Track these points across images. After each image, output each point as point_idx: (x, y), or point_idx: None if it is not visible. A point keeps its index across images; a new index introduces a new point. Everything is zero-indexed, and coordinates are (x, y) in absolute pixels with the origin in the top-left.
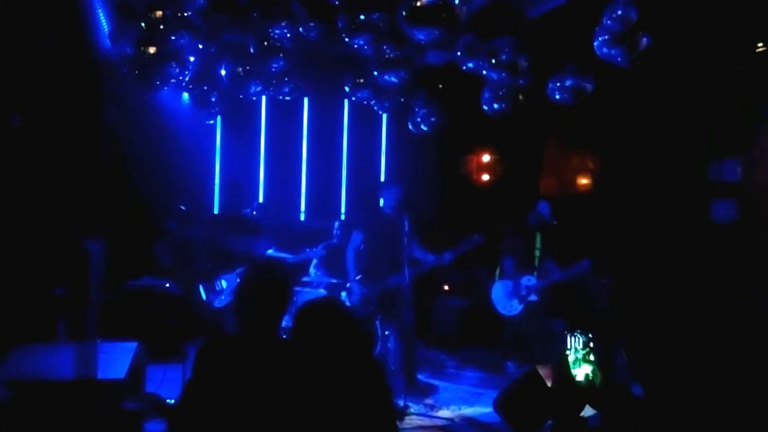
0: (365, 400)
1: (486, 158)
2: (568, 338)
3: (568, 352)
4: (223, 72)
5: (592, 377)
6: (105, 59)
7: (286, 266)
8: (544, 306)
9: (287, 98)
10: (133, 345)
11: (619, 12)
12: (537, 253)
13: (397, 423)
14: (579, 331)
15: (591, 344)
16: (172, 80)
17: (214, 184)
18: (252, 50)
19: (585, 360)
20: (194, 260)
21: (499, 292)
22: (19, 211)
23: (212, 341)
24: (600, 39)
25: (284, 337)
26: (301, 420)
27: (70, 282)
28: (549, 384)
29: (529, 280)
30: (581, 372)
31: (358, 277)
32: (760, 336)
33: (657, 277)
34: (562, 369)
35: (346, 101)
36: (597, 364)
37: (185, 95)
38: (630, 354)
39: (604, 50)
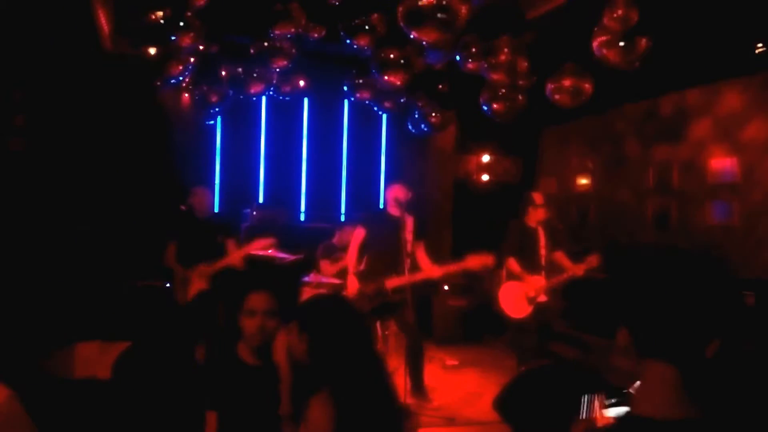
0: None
1: (486, 158)
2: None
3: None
4: (223, 73)
5: None
6: (106, 59)
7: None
8: (556, 307)
9: (287, 98)
10: None
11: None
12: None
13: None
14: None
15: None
16: (173, 80)
17: (214, 184)
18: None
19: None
20: None
21: (506, 294)
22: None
23: None
24: (599, 40)
25: None
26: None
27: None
28: None
29: (537, 281)
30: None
31: (357, 271)
32: None
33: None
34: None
35: (346, 101)
36: None
37: (185, 95)
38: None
39: (603, 51)
